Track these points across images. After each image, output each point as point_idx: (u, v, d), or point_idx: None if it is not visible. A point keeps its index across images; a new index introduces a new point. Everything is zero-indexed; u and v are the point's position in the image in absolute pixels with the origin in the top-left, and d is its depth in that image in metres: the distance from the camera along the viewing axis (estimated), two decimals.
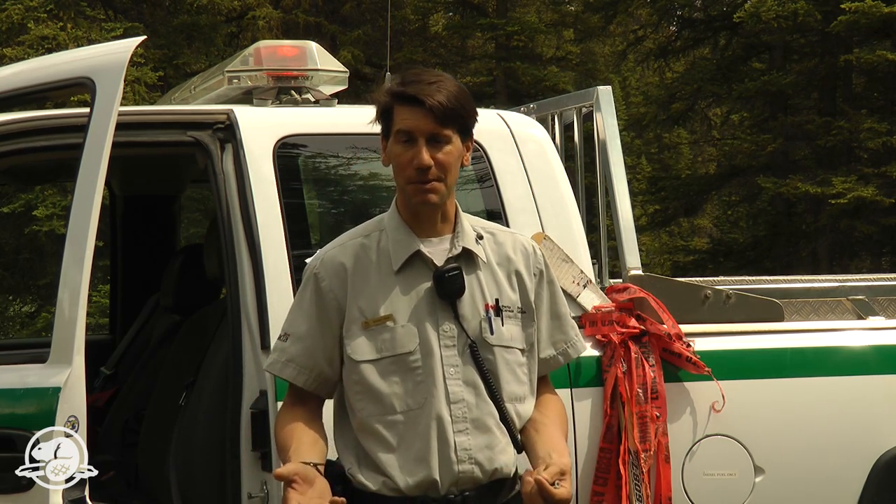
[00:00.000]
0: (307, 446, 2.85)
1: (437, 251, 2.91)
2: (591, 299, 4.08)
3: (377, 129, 2.96)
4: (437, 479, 2.81)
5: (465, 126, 2.90)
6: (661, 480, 3.92)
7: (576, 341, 3.11)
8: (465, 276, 2.89)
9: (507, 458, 2.90)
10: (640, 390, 3.91)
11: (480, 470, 2.85)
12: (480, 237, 2.96)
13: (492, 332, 2.88)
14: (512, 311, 2.93)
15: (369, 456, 2.86)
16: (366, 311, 2.87)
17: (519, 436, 2.93)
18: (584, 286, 4.08)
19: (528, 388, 2.98)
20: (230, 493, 3.85)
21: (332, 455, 2.98)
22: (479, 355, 2.86)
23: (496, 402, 2.87)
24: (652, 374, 3.95)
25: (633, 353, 3.93)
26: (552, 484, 2.74)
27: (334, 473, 2.90)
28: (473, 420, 2.85)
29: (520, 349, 2.94)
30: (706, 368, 4.01)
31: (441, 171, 2.85)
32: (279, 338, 3.01)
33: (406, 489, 2.82)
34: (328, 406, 3.07)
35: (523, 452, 2.95)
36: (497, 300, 2.91)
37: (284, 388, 3.79)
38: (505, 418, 2.88)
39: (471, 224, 2.98)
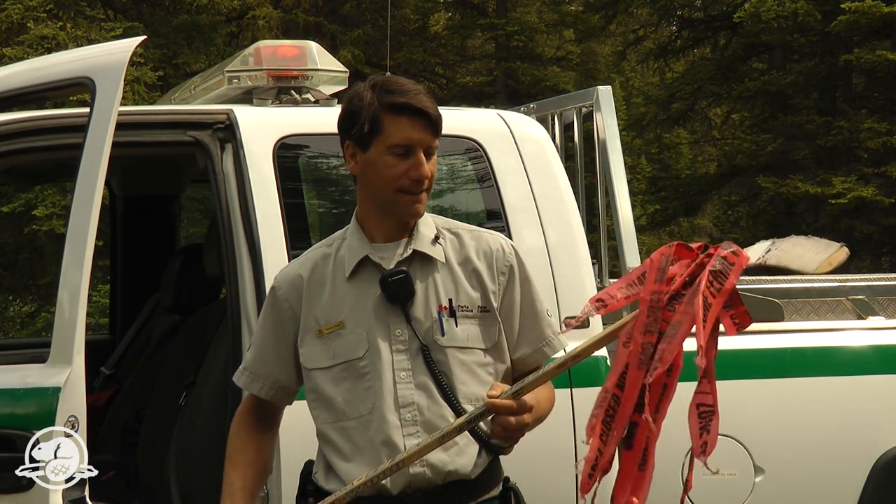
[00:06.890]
0: (246, 483, 2.89)
1: (391, 255, 2.87)
2: None
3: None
4: (387, 484, 2.79)
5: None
6: None
7: (552, 339, 2.99)
8: (419, 278, 2.85)
9: (464, 460, 2.84)
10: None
11: (433, 472, 2.81)
12: (437, 238, 2.90)
13: (443, 334, 2.82)
14: (470, 311, 2.86)
15: (328, 462, 2.87)
16: (320, 319, 2.86)
17: (489, 436, 2.84)
18: None
19: None
20: None
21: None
22: (430, 358, 2.81)
23: (450, 404, 2.80)
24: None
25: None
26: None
27: (306, 473, 2.93)
28: (424, 423, 2.79)
29: (481, 349, 2.87)
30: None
31: (430, 182, 2.85)
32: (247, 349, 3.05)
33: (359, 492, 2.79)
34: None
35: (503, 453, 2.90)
36: (451, 300, 2.85)
37: None
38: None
39: (436, 225, 2.94)
